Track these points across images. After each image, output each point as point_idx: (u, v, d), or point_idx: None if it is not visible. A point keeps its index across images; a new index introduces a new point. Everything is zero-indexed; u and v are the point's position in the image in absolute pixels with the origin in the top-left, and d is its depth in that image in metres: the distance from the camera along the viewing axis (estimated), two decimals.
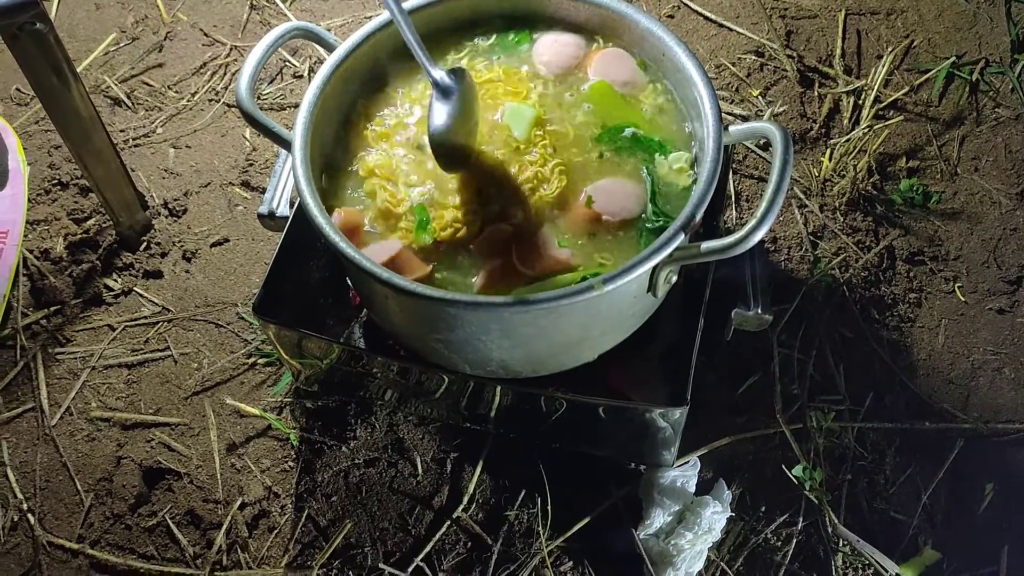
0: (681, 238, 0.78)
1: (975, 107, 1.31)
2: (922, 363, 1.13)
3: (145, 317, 1.21)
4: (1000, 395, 1.12)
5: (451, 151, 0.84)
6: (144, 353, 1.19)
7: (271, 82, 1.40)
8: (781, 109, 1.30)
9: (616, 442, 1.04)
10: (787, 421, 1.08)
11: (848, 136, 1.26)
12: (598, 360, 0.91)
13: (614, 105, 0.91)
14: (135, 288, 1.23)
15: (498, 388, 0.97)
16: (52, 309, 1.20)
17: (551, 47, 0.94)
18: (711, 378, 1.10)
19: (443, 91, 0.82)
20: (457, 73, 0.83)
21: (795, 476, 1.05)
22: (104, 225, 1.26)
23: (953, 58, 1.34)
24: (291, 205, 1.00)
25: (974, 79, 1.33)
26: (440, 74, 0.81)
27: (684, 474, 1.03)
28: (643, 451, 1.04)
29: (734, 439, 1.07)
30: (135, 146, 1.35)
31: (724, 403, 1.10)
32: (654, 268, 0.79)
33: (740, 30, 1.38)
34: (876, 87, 1.31)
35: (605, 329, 0.88)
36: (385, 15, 0.92)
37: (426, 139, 0.84)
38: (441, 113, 0.81)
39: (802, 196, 1.24)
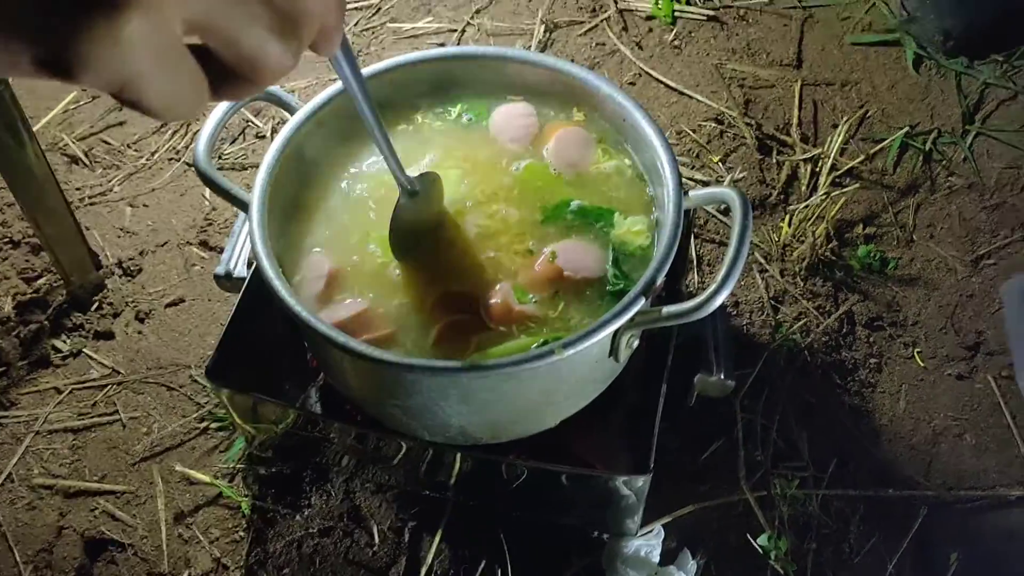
0: (642, 302, 0.77)
1: (929, 176, 1.34)
2: (884, 429, 1.13)
3: (94, 380, 1.18)
4: (962, 462, 1.11)
5: (408, 247, 0.84)
6: (91, 417, 1.15)
7: (233, 142, 1.39)
8: (741, 175, 1.32)
9: (578, 510, 1.02)
10: (751, 488, 1.07)
11: (806, 203, 1.28)
12: (560, 426, 0.89)
13: (551, 183, 0.91)
14: (84, 349, 1.20)
15: (458, 455, 0.95)
16: None
17: (506, 120, 0.94)
18: (674, 445, 1.09)
19: (410, 193, 0.81)
20: (425, 177, 0.82)
21: (760, 545, 1.03)
22: (55, 284, 1.23)
23: (906, 128, 1.37)
24: (249, 266, 0.99)
25: (927, 149, 1.36)
26: (408, 178, 0.80)
27: (648, 543, 1.01)
28: (606, 519, 1.02)
29: (698, 507, 1.06)
30: (91, 204, 1.33)
31: (688, 470, 1.08)
32: (616, 332, 0.78)
33: (700, 98, 1.40)
34: (832, 155, 1.33)
35: (566, 394, 0.86)
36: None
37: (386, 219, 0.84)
38: (405, 211, 0.81)
39: (763, 261, 1.24)
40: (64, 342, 1.20)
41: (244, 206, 0.85)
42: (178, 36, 0.41)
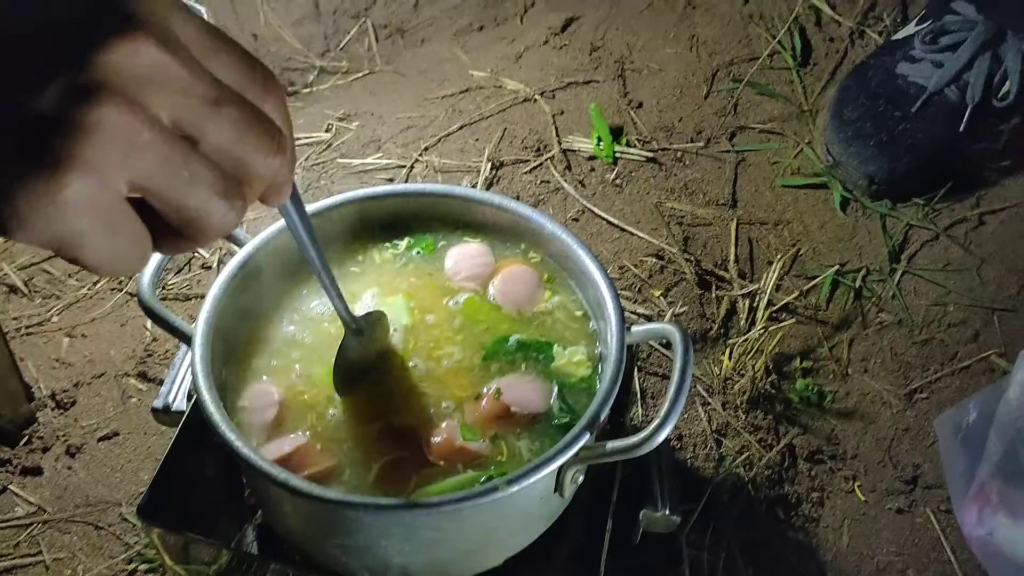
0: (587, 437, 0.78)
1: (860, 311, 1.39)
2: (829, 565, 1.13)
3: (18, 518, 1.12)
4: None
5: (351, 383, 0.84)
6: (13, 558, 1.09)
7: (178, 272, 1.39)
8: (682, 309, 1.35)
9: None
10: None
11: (745, 336, 1.31)
12: (505, 565, 0.88)
13: (491, 317, 0.92)
14: (9, 486, 1.15)
15: None
16: None
17: (460, 260, 0.97)
18: None
19: (355, 332, 0.82)
20: (370, 316, 0.84)
21: None
22: None
23: (837, 266, 1.43)
24: (188, 399, 0.97)
25: (857, 286, 1.41)
26: (353, 317, 0.81)
27: None
28: None
29: None
30: (27, 334, 1.30)
31: None
32: (560, 468, 0.78)
33: (641, 234, 1.45)
34: (768, 291, 1.38)
35: (511, 532, 0.85)
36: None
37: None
38: (350, 350, 0.82)
39: (705, 394, 1.26)
40: None
41: (187, 339, 0.84)
42: (121, 196, 0.41)
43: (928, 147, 1.49)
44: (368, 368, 0.86)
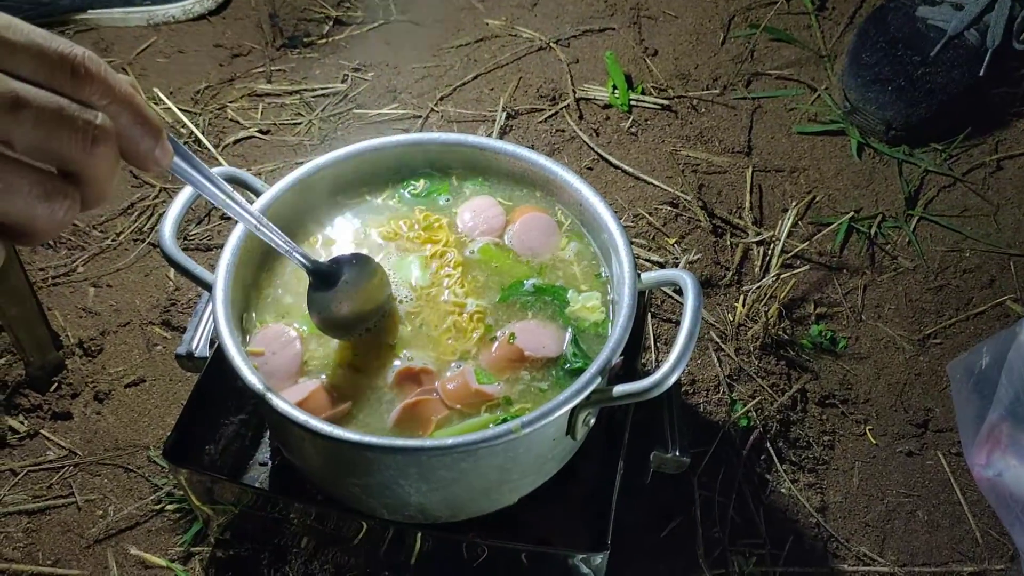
0: (598, 381, 0.79)
1: (875, 258, 1.39)
2: (838, 506, 1.15)
3: (50, 461, 1.16)
4: (915, 538, 1.13)
5: (339, 329, 0.85)
6: (46, 500, 1.13)
7: (199, 223, 1.41)
8: (696, 257, 1.36)
9: None
10: (710, 566, 1.07)
11: (759, 283, 1.32)
12: (519, 504, 0.90)
13: (507, 264, 0.93)
14: (41, 431, 1.18)
15: (417, 534, 0.95)
16: None
17: (473, 215, 0.97)
18: (633, 522, 1.10)
19: (322, 277, 0.81)
20: (345, 260, 0.83)
21: None
22: (13, 364, 1.22)
23: (852, 213, 1.43)
24: (210, 346, 0.99)
25: (872, 232, 1.41)
26: (312, 263, 0.80)
27: None
28: None
29: None
30: (53, 284, 1.33)
31: (646, 548, 1.09)
32: (572, 410, 0.80)
33: (656, 182, 1.45)
34: (783, 238, 1.38)
35: (524, 472, 0.87)
36: (312, 163, 0.95)
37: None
38: (318, 302, 0.82)
39: (718, 340, 1.28)
40: (21, 423, 1.19)
41: (208, 286, 0.87)
42: None
43: (947, 91, 1.48)
44: (360, 316, 0.87)
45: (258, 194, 0.95)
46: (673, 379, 0.77)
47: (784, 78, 1.63)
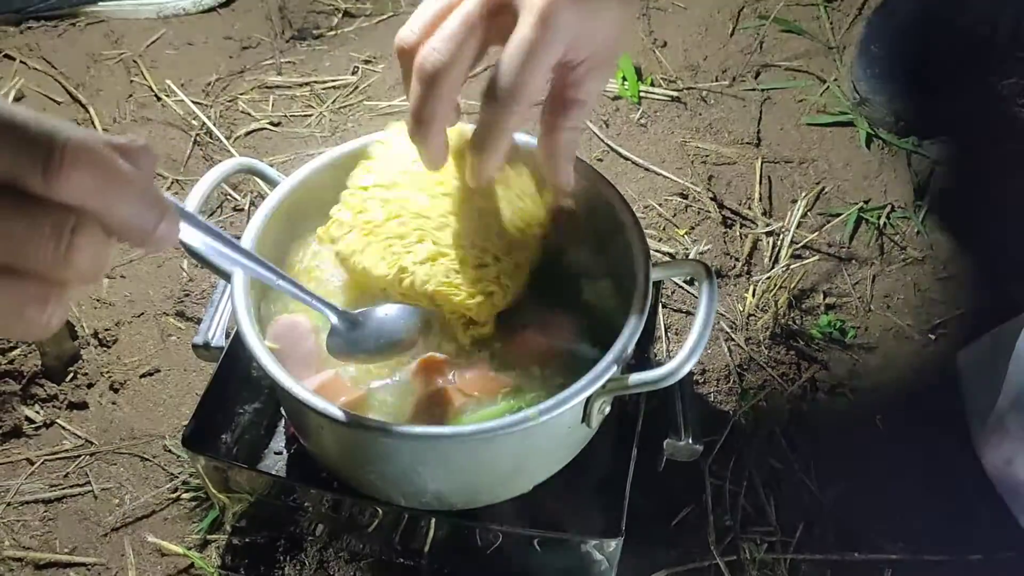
0: (614, 370, 0.80)
1: (883, 249, 1.40)
2: (848, 494, 1.16)
3: (67, 450, 1.17)
4: (924, 526, 1.14)
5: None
6: (63, 488, 1.14)
7: (211, 215, 1.42)
8: (706, 248, 1.37)
9: None
10: (721, 553, 1.08)
11: (769, 274, 1.33)
12: (533, 491, 0.91)
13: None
14: (58, 420, 1.20)
15: (432, 520, 0.96)
16: None
17: None
18: (645, 509, 1.11)
19: (348, 323, 0.80)
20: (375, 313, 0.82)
21: None
22: (29, 355, 1.23)
23: (861, 204, 1.43)
24: (227, 336, 1.00)
25: (881, 223, 1.42)
26: (338, 311, 0.79)
27: None
28: None
29: (669, 572, 1.07)
30: None
31: (659, 535, 1.10)
32: (588, 399, 0.81)
33: (665, 174, 1.46)
34: (792, 229, 1.39)
35: (540, 459, 0.89)
36: (327, 156, 0.96)
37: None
38: (341, 339, 0.80)
39: (728, 330, 1.28)
40: (37, 413, 1.20)
41: (226, 275, 0.87)
42: None
43: (956, 83, 1.48)
44: (385, 355, 0.84)
45: (274, 184, 0.96)
46: (688, 367, 0.78)
47: (793, 69, 1.63)
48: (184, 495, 1.13)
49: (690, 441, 0.96)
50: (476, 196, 0.88)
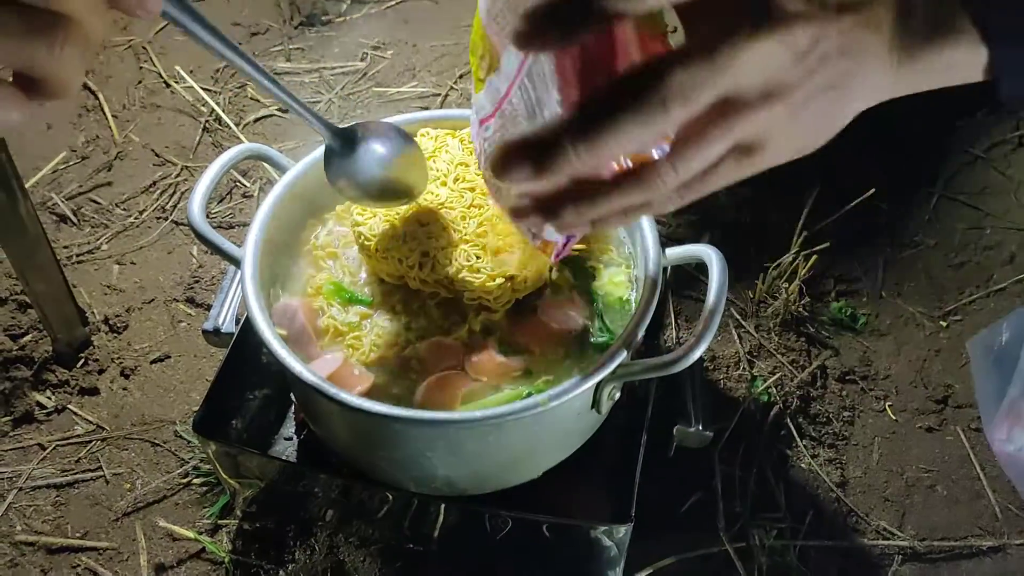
0: (624, 355, 0.80)
1: (895, 235, 1.39)
2: (858, 480, 1.16)
3: (78, 436, 1.18)
4: (934, 512, 1.14)
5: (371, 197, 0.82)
6: (75, 473, 1.15)
7: (220, 201, 1.42)
8: (715, 233, 1.36)
9: (562, 562, 1.03)
10: (730, 539, 1.08)
11: (779, 261, 1.32)
12: (543, 477, 0.91)
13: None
14: (69, 406, 1.20)
15: (442, 506, 0.96)
16: None
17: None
18: (655, 496, 1.10)
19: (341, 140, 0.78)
20: (367, 128, 0.80)
21: None
22: (40, 341, 1.24)
23: (873, 190, 1.42)
24: (237, 322, 1.00)
25: (893, 209, 1.41)
26: (331, 127, 0.77)
27: None
28: (589, 572, 1.03)
29: (679, 559, 1.07)
30: (79, 262, 1.35)
31: (668, 521, 1.10)
32: (598, 384, 0.80)
33: None
34: (803, 215, 1.38)
35: (550, 445, 0.88)
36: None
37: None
38: (335, 168, 0.79)
39: (738, 317, 1.28)
40: (49, 398, 1.21)
41: (237, 261, 0.87)
42: None
43: None
44: (394, 186, 0.82)
45: (283, 170, 0.96)
46: (698, 353, 0.78)
47: None
48: (195, 480, 1.14)
49: (700, 428, 0.96)
50: None
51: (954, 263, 1.36)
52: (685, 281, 1.33)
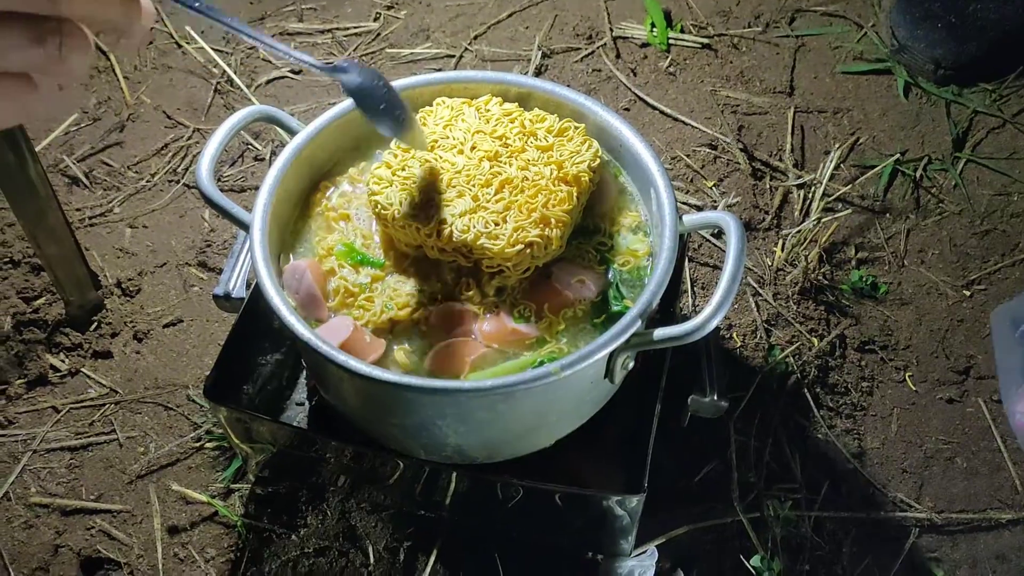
0: (639, 324, 0.78)
1: (919, 202, 1.36)
2: (876, 452, 1.14)
3: (91, 399, 1.18)
4: (953, 485, 1.12)
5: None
6: (88, 436, 1.15)
7: (232, 164, 1.40)
8: (735, 200, 1.33)
9: (573, 531, 1.02)
10: (744, 509, 1.07)
11: (799, 228, 1.29)
12: (555, 446, 0.90)
13: None
14: (82, 369, 1.20)
15: (453, 474, 0.96)
16: None
17: None
18: (668, 465, 1.10)
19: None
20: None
21: (753, 567, 1.04)
22: (54, 304, 1.24)
23: (897, 155, 1.39)
24: (247, 287, 0.99)
25: (918, 175, 1.38)
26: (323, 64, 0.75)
27: (642, 564, 1.02)
28: (601, 540, 1.03)
29: (692, 528, 1.06)
30: (91, 225, 1.34)
31: (682, 491, 1.09)
32: (612, 353, 0.79)
33: (694, 124, 1.42)
34: (824, 181, 1.35)
35: (562, 415, 0.87)
36: (348, 102, 0.94)
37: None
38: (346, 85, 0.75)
39: (756, 285, 1.26)
40: (62, 361, 1.21)
41: (245, 226, 0.86)
42: None
43: (999, 29, 1.42)
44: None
45: (293, 133, 0.94)
46: (715, 323, 0.76)
47: (829, 15, 1.58)
48: (208, 444, 1.14)
49: (715, 397, 0.94)
50: (522, 154, 0.87)
51: (979, 230, 1.33)
52: (701, 248, 1.31)
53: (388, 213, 0.85)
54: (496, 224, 0.83)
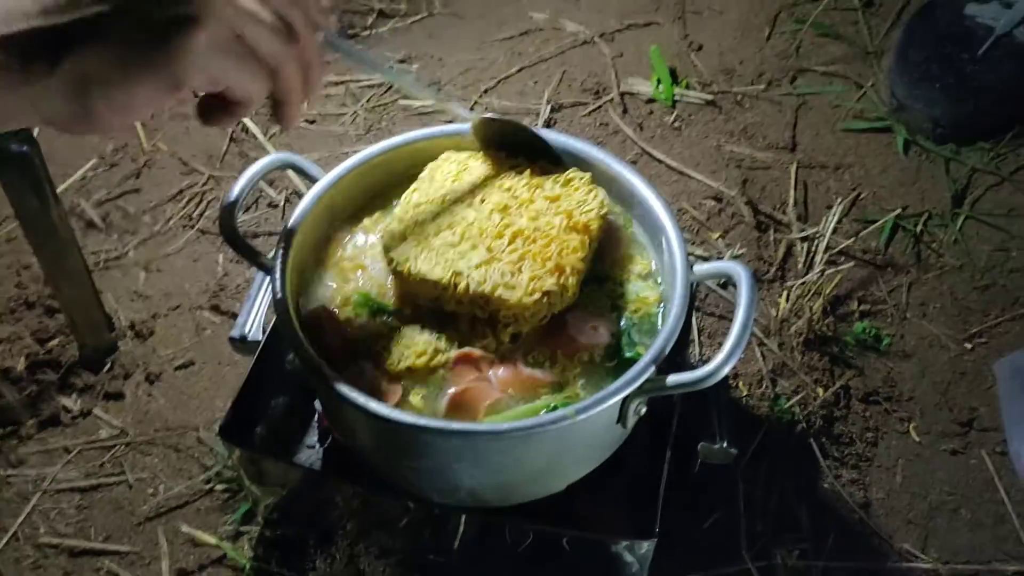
0: (652, 371, 0.80)
1: (920, 256, 1.39)
2: (881, 502, 1.15)
3: (102, 440, 1.19)
4: (958, 536, 1.13)
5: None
6: (98, 477, 1.16)
7: (247, 210, 1.43)
8: (740, 252, 1.36)
9: None
10: (753, 558, 1.08)
11: (803, 280, 1.32)
12: (567, 490, 0.91)
13: None
14: (94, 410, 1.21)
15: (464, 518, 0.96)
16: (7, 429, 1.18)
17: None
18: (678, 512, 1.10)
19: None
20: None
21: None
22: (67, 345, 1.25)
23: (898, 210, 1.42)
24: (263, 331, 1.01)
25: (918, 230, 1.41)
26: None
27: None
28: None
29: None
30: (106, 268, 1.36)
31: (690, 539, 1.10)
32: (625, 399, 0.81)
33: (699, 177, 1.46)
34: (827, 234, 1.38)
35: (575, 459, 0.88)
36: (366, 152, 0.96)
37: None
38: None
39: (761, 335, 1.28)
40: (74, 402, 1.22)
41: (266, 268, 0.88)
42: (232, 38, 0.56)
43: (995, 90, 1.46)
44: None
45: (313, 179, 0.96)
46: (727, 369, 0.78)
47: (830, 74, 1.62)
48: (217, 486, 1.14)
49: (725, 445, 0.95)
50: (531, 205, 0.89)
51: (979, 285, 1.35)
52: (707, 298, 1.33)
53: (403, 269, 0.87)
54: (512, 274, 0.85)
